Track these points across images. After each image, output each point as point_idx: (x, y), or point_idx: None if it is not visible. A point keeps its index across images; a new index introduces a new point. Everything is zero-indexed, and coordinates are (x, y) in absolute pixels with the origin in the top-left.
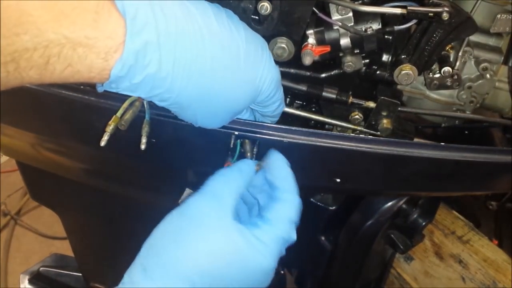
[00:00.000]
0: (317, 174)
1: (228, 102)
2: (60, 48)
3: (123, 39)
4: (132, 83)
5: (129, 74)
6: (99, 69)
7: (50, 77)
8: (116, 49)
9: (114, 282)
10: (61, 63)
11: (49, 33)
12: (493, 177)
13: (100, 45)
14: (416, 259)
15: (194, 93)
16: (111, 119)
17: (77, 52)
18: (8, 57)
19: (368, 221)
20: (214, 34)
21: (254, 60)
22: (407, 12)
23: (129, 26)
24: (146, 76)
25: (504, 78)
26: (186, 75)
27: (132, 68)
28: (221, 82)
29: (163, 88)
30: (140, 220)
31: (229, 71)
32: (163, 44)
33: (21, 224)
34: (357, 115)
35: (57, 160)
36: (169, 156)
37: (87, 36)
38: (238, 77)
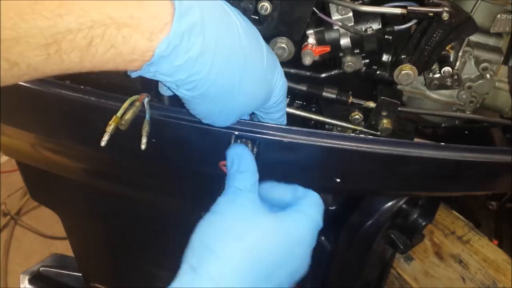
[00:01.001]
0: (317, 174)
1: (248, 100)
2: (104, 28)
3: (169, 19)
4: (173, 65)
5: (172, 55)
6: (143, 50)
7: (90, 60)
8: (161, 29)
9: (114, 282)
10: (104, 45)
11: (93, 13)
12: (493, 177)
13: (145, 25)
14: (416, 259)
15: (225, 84)
16: (111, 119)
17: (121, 32)
18: (50, 39)
19: (368, 221)
20: (245, 30)
21: (272, 63)
22: (407, 12)
23: (177, 6)
24: (188, 59)
25: (504, 78)
26: (224, 64)
27: (176, 49)
28: (249, 78)
29: (201, 74)
30: (140, 220)
31: (256, 69)
32: (207, 28)
33: (21, 224)
34: (357, 115)
35: (57, 160)
36: (169, 156)
37: (132, 16)
38: (261, 76)
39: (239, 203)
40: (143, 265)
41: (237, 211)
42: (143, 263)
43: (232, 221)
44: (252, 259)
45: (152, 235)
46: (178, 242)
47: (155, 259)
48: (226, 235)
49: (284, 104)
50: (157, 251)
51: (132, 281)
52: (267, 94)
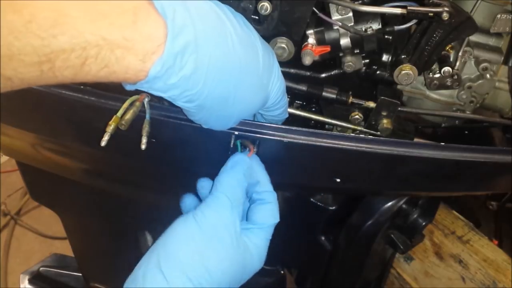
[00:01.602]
0: (317, 174)
1: (245, 106)
2: (98, 49)
3: (162, 40)
4: (167, 84)
5: (165, 75)
6: (136, 70)
7: (84, 77)
8: (154, 50)
9: (114, 282)
10: (98, 64)
11: (87, 34)
12: (493, 177)
13: (139, 46)
14: (416, 259)
15: (220, 95)
16: (112, 119)
17: (115, 53)
18: (44, 57)
19: (368, 221)
20: (240, 37)
21: (269, 66)
22: (407, 12)
23: (170, 27)
24: (182, 78)
25: (504, 78)
26: (218, 77)
27: (169, 69)
28: (244, 86)
29: (195, 89)
30: (139, 220)
31: (252, 76)
32: (200, 46)
33: (21, 224)
34: (357, 115)
35: (57, 160)
36: (169, 156)
37: (125, 37)
38: (256, 82)
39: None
40: None
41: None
42: None
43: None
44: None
45: (152, 235)
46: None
47: None
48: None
49: (284, 101)
50: None
51: None
52: (264, 98)
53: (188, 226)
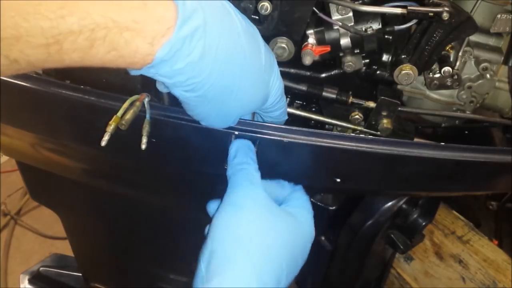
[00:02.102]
0: (317, 174)
1: (246, 101)
2: (106, 31)
3: (172, 23)
4: (173, 69)
5: (172, 59)
6: (144, 54)
7: (91, 60)
8: (164, 33)
9: (114, 282)
10: (105, 47)
11: (96, 15)
12: (493, 177)
13: (148, 29)
14: (416, 259)
15: (224, 86)
16: (112, 119)
17: (123, 36)
18: (51, 39)
19: (368, 221)
20: (245, 29)
21: (270, 64)
22: (407, 12)
23: (181, 10)
24: (189, 63)
25: (504, 78)
26: (224, 66)
27: (177, 53)
28: (248, 79)
29: (201, 77)
30: (140, 220)
31: (255, 70)
32: (209, 32)
33: (21, 224)
34: (357, 115)
35: (57, 160)
36: (169, 156)
37: (135, 20)
38: (259, 77)
39: (255, 196)
40: (143, 265)
41: (256, 205)
42: (143, 263)
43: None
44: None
45: (152, 235)
46: (178, 242)
47: (155, 259)
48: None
49: (283, 102)
50: (157, 251)
51: (132, 281)
52: (265, 96)
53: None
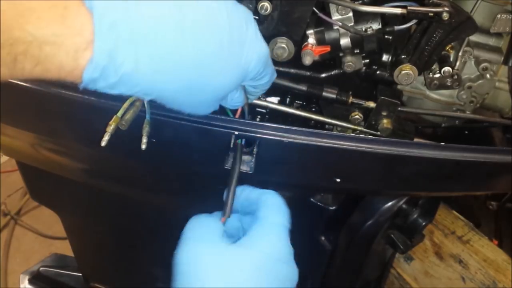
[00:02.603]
0: (317, 174)
1: (214, 89)
2: (26, 46)
3: (92, 36)
4: (109, 83)
5: (103, 75)
6: (70, 69)
7: (21, 74)
8: (86, 47)
9: (113, 281)
10: (29, 62)
11: (15, 30)
12: (493, 177)
13: (69, 43)
14: (416, 259)
15: (178, 86)
16: (112, 119)
17: (44, 50)
18: None
19: (368, 221)
20: (196, 19)
21: (239, 40)
22: (407, 12)
23: (97, 22)
24: (123, 75)
25: (504, 78)
26: (168, 70)
27: (105, 68)
28: (206, 71)
29: (144, 84)
30: (139, 220)
31: (213, 58)
32: (138, 41)
33: (21, 224)
34: (357, 115)
35: (57, 160)
36: (169, 156)
37: (54, 33)
38: (223, 62)
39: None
40: (142, 265)
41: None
42: (142, 263)
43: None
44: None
45: (151, 235)
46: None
47: (155, 259)
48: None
49: (268, 69)
50: (157, 251)
51: (131, 281)
52: (239, 75)
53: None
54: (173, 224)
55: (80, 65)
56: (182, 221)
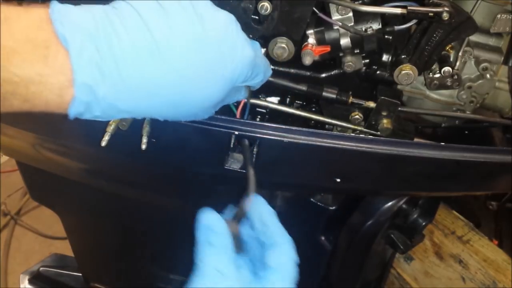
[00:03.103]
0: (317, 174)
1: (203, 102)
2: (13, 86)
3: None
4: (95, 115)
5: (88, 109)
6: (56, 104)
7: (11, 109)
8: (68, 84)
9: (113, 282)
10: (17, 100)
11: (2, 72)
12: (493, 177)
13: (53, 81)
14: (416, 259)
15: (162, 106)
16: (112, 119)
17: (30, 89)
18: None
19: (368, 221)
20: (170, 43)
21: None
22: (407, 12)
23: (74, 61)
24: (106, 107)
25: (504, 78)
26: (150, 95)
27: (89, 103)
28: (189, 89)
29: (129, 111)
30: (140, 220)
31: (195, 76)
32: (116, 74)
33: (21, 224)
34: (357, 115)
35: (57, 160)
36: (169, 156)
37: (39, 73)
38: (206, 77)
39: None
40: (142, 265)
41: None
42: (142, 263)
43: None
44: None
45: (151, 235)
46: (177, 242)
47: (155, 259)
48: None
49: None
50: (157, 251)
51: (131, 281)
52: (226, 84)
53: None
54: (173, 224)
55: (65, 101)
56: (181, 221)
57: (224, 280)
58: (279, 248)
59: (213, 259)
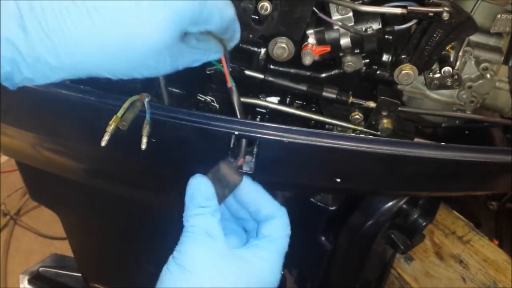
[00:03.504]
0: (317, 174)
1: (144, 48)
2: None
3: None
4: (26, 77)
5: (16, 68)
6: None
7: None
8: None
9: (113, 282)
10: None
11: None
12: (494, 177)
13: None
14: (417, 259)
15: (99, 57)
16: (112, 119)
17: None
18: None
19: (368, 221)
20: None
21: None
22: (407, 12)
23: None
24: (35, 64)
25: (504, 78)
26: (82, 46)
27: (14, 60)
28: (120, 34)
29: (63, 68)
30: (139, 220)
31: (126, 17)
32: (37, 27)
33: (21, 224)
34: (357, 115)
35: (57, 160)
36: (169, 155)
37: None
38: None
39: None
40: (142, 265)
41: (199, 259)
42: (142, 263)
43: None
44: None
45: (151, 235)
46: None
47: (155, 259)
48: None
49: (211, 8)
50: (156, 251)
51: (131, 281)
52: (167, 17)
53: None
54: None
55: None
56: (182, 221)
57: (214, 242)
58: (274, 219)
59: (203, 221)
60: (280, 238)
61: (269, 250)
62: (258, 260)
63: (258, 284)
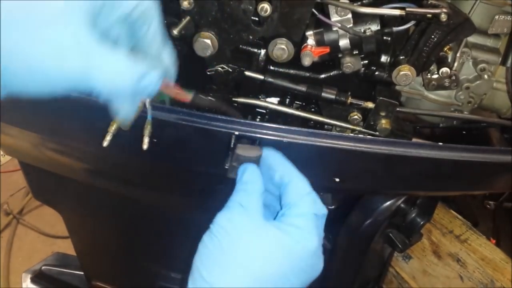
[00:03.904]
0: (316, 174)
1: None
2: None
3: None
4: None
5: None
6: None
7: None
8: None
9: (116, 280)
10: None
11: None
12: (491, 177)
13: None
14: (415, 258)
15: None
16: (114, 120)
17: None
18: None
19: (367, 220)
20: None
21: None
22: (406, 13)
23: None
24: None
25: (501, 79)
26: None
27: None
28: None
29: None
30: (141, 219)
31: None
32: None
33: (24, 223)
34: (356, 116)
35: (59, 160)
36: (170, 155)
37: None
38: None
39: (240, 222)
40: (144, 264)
41: (237, 232)
42: (144, 261)
43: (232, 244)
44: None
45: (153, 234)
46: (179, 241)
47: (157, 257)
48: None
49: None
50: (158, 250)
51: (133, 279)
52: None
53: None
54: (174, 223)
55: None
56: (183, 220)
57: (244, 211)
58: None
59: (239, 197)
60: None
61: (302, 217)
62: (293, 229)
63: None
